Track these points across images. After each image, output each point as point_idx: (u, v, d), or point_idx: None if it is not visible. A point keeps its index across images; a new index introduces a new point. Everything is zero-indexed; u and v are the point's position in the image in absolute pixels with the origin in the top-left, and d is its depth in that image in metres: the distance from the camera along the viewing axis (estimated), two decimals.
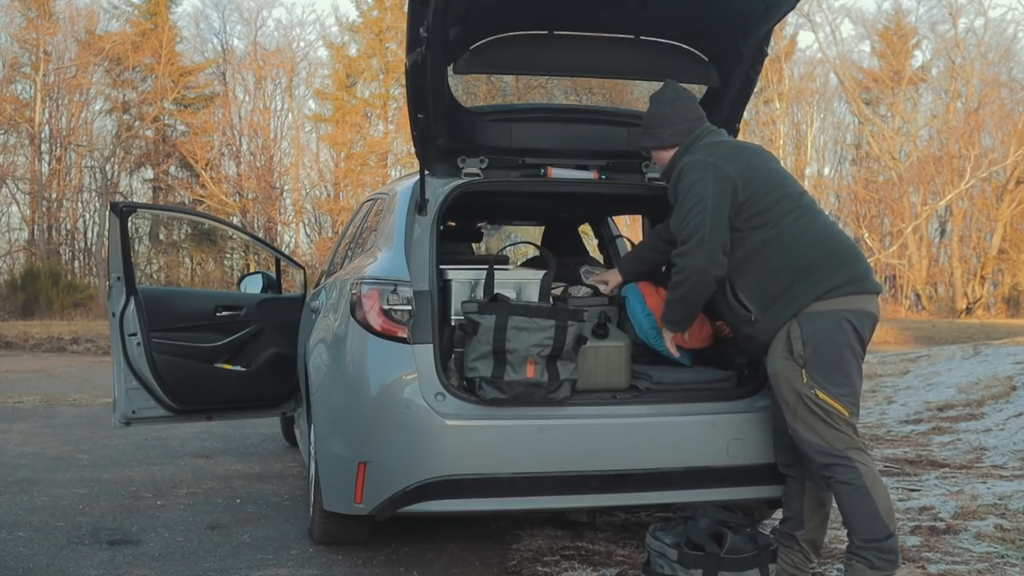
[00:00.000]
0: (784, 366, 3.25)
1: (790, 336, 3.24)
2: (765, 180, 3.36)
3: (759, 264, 3.31)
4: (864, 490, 3.17)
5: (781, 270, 3.27)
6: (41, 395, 9.84)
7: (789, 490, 3.52)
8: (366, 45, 32.64)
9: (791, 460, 3.49)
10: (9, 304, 24.33)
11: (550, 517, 4.43)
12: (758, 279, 3.31)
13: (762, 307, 3.30)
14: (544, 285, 3.78)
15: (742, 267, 3.33)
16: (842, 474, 3.19)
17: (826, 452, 3.20)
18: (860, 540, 3.18)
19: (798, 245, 3.29)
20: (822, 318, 3.22)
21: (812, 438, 3.21)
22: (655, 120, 3.60)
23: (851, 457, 3.18)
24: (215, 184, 29.89)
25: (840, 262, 3.29)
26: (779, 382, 3.28)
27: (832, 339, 3.22)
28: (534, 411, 3.53)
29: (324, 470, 3.84)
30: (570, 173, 4.14)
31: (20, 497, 5.14)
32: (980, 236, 31.33)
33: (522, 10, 3.78)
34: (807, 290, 3.24)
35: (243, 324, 5.64)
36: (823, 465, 3.22)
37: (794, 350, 3.22)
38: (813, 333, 3.21)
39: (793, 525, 3.48)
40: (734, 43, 3.81)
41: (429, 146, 3.92)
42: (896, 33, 33.53)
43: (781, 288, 3.26)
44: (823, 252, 3.29)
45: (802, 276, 3.25)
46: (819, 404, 3.19)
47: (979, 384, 8.72)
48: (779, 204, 3.33)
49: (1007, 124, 30.36)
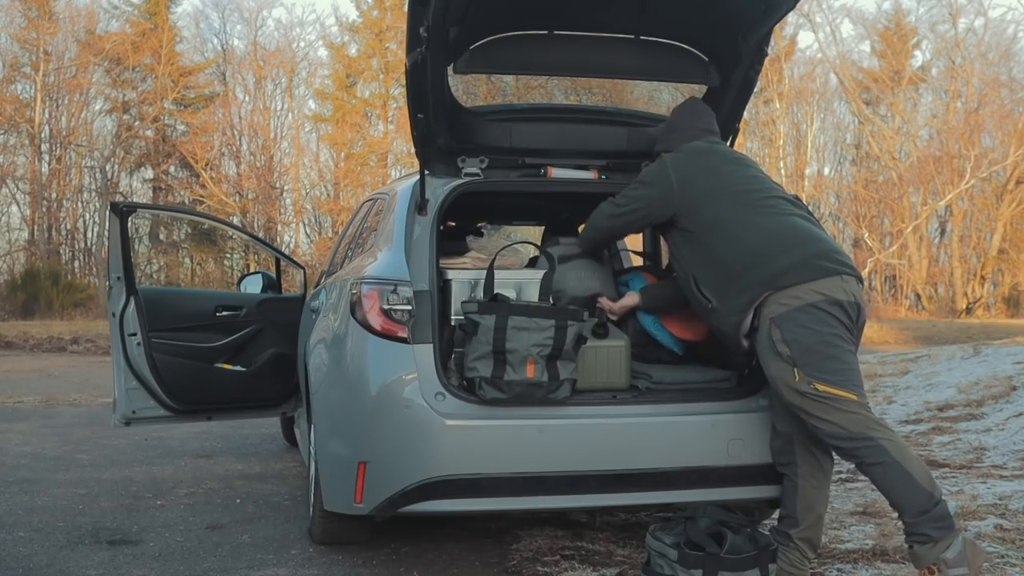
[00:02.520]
0: (777, 368, 3.28)
1: (772, 339, 3.26)
2: (715, 186, 3.55)
3: (712, 259, 3.47)
4: (896, 464, 3.16)
5: (731, 262, 3.41)
6: (41, 395, 9.85)
7: (784, 489, 3.53)
8: (366, 45, 32.65)
9: (786, 459, 3.50)
10: (9, 304, 24.35)
11: (550, 517, 4.43)
12: (714, 272, 3.47)
13: (719, 296, 3.43)
14: (544, 285, 3.78)
15: (699, 262, 3.52)
16: (869, 455, 3.18)
17: (847, 437, 3.20)
18: (911, 517, 3.16)
19: (745, 239, 3.42)
20: (796, 315, 3.25)
21: (830, 428, 3.22)
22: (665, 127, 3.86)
23: (873, 436, 3.18)
24: (215, 184, 29.90)
25: (786, 245, 3.36)
26: (778, 385, 3.31)
27: (813, 332, 3.23)
28: (534, 411, 3.53)
29: (324, 470, 3.84)
30: (570, 173, 4.14)
31: (20, 497, 5.15)
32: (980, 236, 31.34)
33: (522, 10, 3.78)
34: (758, 278, 3.33)
35: (243, 324, 5.64)
36: (850, 451, 3.23)
37: (781, 353, 3.25)
38: (792, 332, 3.24)
39: (788, 524, 3.48)
40: (734, 43, 3.81)
41: (429, 146, 3.92)
42: (896, 33, 33.53)
43: (732, 277, 3.39)
44: (768, 241, 3.40)
45: (751, 266, 3.36)
46: (822, 396, 3.20)
47: (979, 384, 8.71)
48: (731, 207, 3.50)
49: (1007, 124, 30.37)
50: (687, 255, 3.58)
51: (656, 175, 3.66)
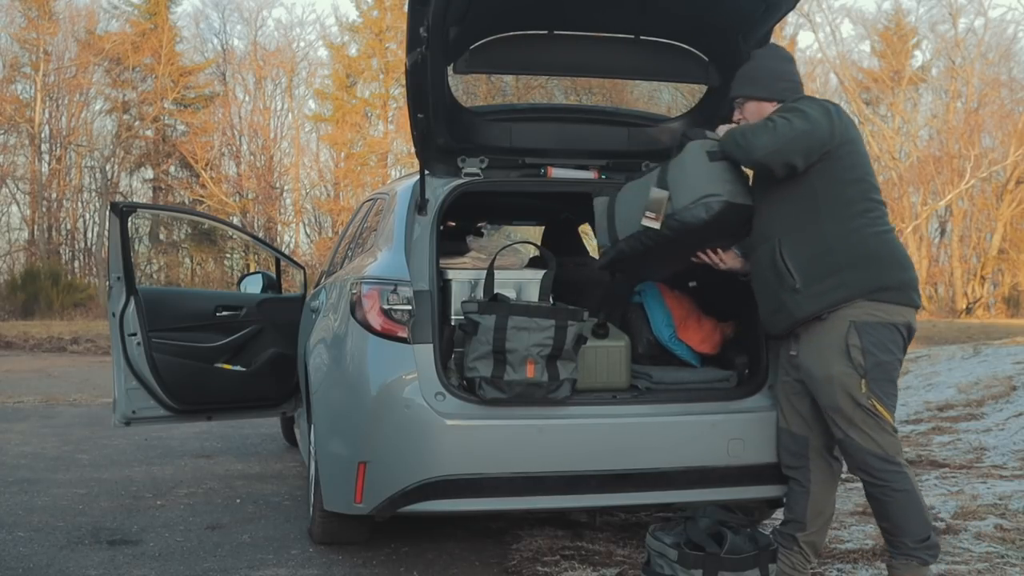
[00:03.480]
0: (842, 373, 3.21)
1: (848, 344, 3.20)
2: (859, 151, 3.29)
3: (816, 235, 3.23)
4: (915, 494, 3.24)
5: (838, 251, 3.21)
6: (41, 395, 9.84)
7: (792, 493, 3.51)
8: (366, 45, 32.63)
9: (796, 463, 3.49)
10: (9, 304, 24.34)
11: (550, 517, 4.43)
12: (812, 250, 3.24)
13: (808, 279, 3.23)
14: (544, 285, 3.78)
15: (797, 229, 3.25)
16: (898, 482, 3.22)
17: (884, 459, 3.21)
18: (913, 542, 3.24)
19: (864, 234, 3.24)
20: (881, 329, 3.21)
21: (870, 446, 3.22)
22: (766, 72, 3.46)
23: (902, 464, 3.24)
24: (215, 184, 29.88)
25: (899, 265, 3.28)
26: (833, 388, 3.24)
27: (889, 352, 3.23)
28: (534, 411, 3.53)
29: (324, 470, 3.84)
30: (570, 173, 4.14)
31: (20, 497, 5.14)
32: (980, 236, 31.32)
33: (522, 10, 3.78)
34: (860, 281, 3.21)
35: (243, 324, 5.64)
36: (879, 471, 3.22)
37: (853, 359, 3.20)
38: (873, 344, 3.20)
39: (795, 527, 3.48)
40: (734, 43, 3.81)
41: (429, 146, 3.92)
42: (896, 33, 33.51)
43: (833, 268, 3.21)
44: (885, 251, 3.26)
45: (858, 265, 3.21)
46: (875, 413, 3.21)
47: (979, 384, 8.71)
48: (856, 183, 3.26)
49: (1007, 124, 30.34)
50: (785, 217, 3.28)
51: (817, 109, 3.22)
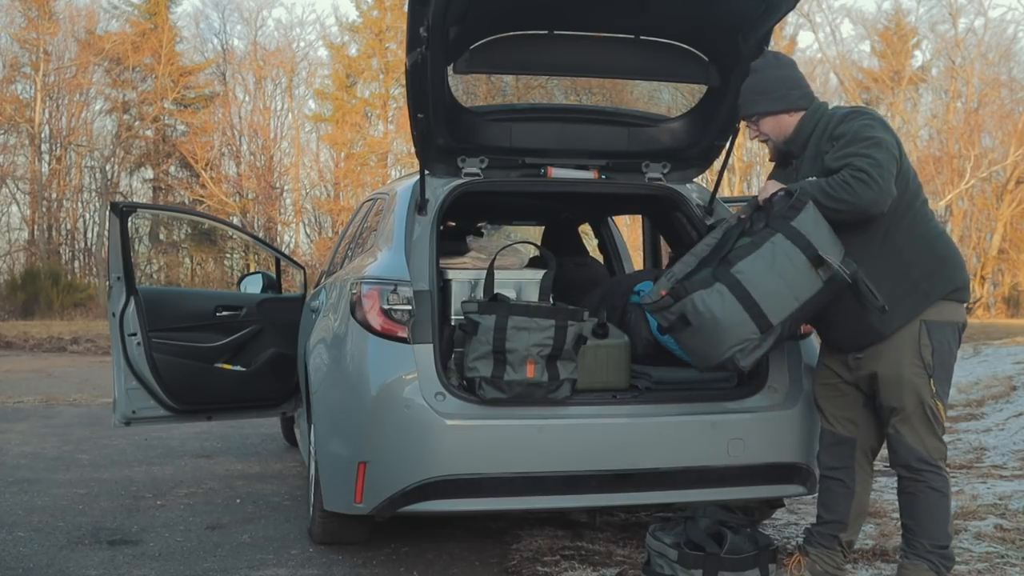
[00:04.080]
0: (913, 372, 3.23)
1: (920, 343, 3.21)
2: (909, 167, 3.26)
3: (891, 253, 3.21)
4: (947, 499, 3.27)
5: (913, 263, 3.21)
6: (41, 395, 9.84)
7: (833, 494, 3.52)
8: (366, 45, 32.61)
9: (840, 463, 3.49)
10: (9, 304, 24.34)
11: (550, 517, 4.43)
12: (889, 268, 3.20)
13: (892, 298, 3.19)
14: (544, 285, 3.78)
15: (873, 253, 3.20)
16: (934, 481, 3.25)
17: (923, 460, 3.25)
18: (931, 545, 3.26)
19: (928, 239, 3.24)
20: (947, 329, 3.24)
21: (915, 445, 3.24)
22: (776, 83, 3.40)
23: (942, 466, 3.27)
24: (215, 184, 29.87)
25: (961, 263, 3.32)
26: (902, 388, 3.24)
27: (951, 354, 3.28)
28: (534, 411, 3.53)
29: (324, 470, 3.84)
30: (570, 173, 4.14)
31: (20, 497, 5.14)
32: (980, 236, 31.29)
33: (522, 10, 3.78)
34: (936, 287, 3.22)
35: (243, 324, 5.64)
36: (916, 470, 3.25)
37: (924, 357, 3.21)
38: (941, 344, 3.23)
39: (837, 527, 3.50)
40: (734, 43, 3.81)
41: (429, 146, 3.92)
42: (896, 33, 33.49)
43: (912, 283, 3.21)
44: (950, 251, 3.29)
45: (934, 272, 3.23)
46: (935, 414, 3.24)
47: (979, 384, 8.72)
48: (916, 193, 3.26)
49: (1007, 124, 30.32)
50: (856, 240, 3.18)
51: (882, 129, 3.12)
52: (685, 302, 3.14)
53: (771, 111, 3.40)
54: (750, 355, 3.17)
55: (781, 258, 3.10)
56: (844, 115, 3.28)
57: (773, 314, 3.11)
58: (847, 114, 3.28)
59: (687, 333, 3.22)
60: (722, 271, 3.14)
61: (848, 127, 3.20)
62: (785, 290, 3.11)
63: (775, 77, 3.43)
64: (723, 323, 3.12)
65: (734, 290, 3.10)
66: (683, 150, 4.23)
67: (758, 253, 3.12)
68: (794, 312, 3.15)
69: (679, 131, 4.23)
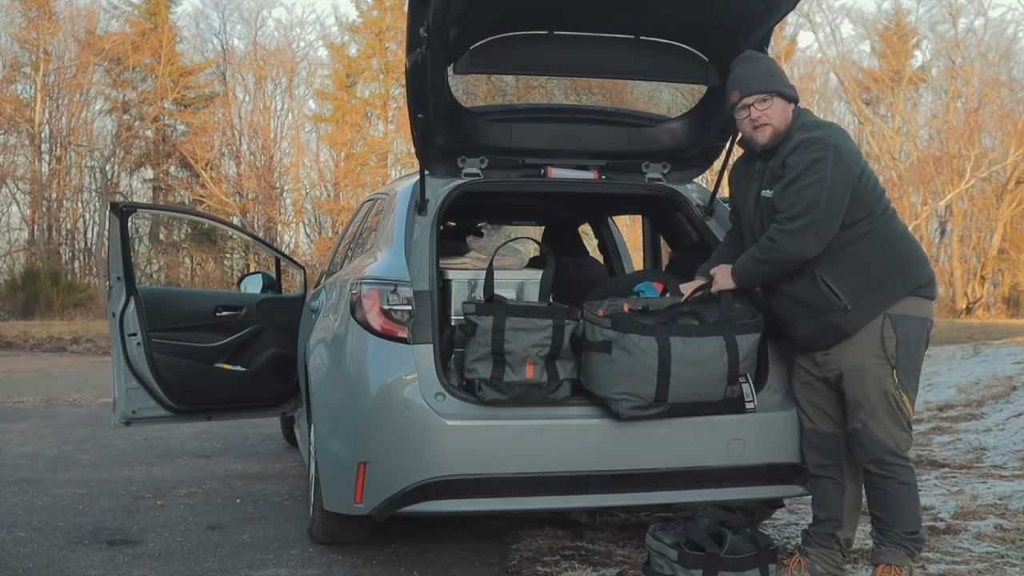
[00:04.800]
0: (875, 363, 3.27)
1: (883, 335, 3.26)
2: (870, 174, 3.33)
3: (852, 255, 3.28)
4: (914, 488, 3.32)
5: (875, 263, 3.28)
6: (41, 395, 9.84)
7: (825, 492, 3.55)
8: (366, 45, 32.61)
9: (826, 461, 3.52)
10: (9, 304, 24.33)
11: (550, 517, 4.43)
12: (851, 269, 3.28)
13: (854, 298, 3.27)
14: (544, 285, 3.78)
15: (834, 256, 3.27)
16: (903, 475, 3.29)
17: (893, 453, 3.28)
18: (904, 533, 3.32)
19: (891, 240, 3.31)
20: (913, 323, 3.28)
21: (884, 438, 3.28)
22: (781, 72, 3.47)
23: (909, 459, 3.31)
24: (215, 184, 29.87)
25: (924, 259, 3.37)
26: (865, 378, 3.28)
27: (918, 344, 3.31)
28: (534, 411, 3.53)
29: (324, 470, 3.84)
30: (570, 173, 4.14)
31: (20, 497, 5.14)
32: (980, 236, 31.30)
33: (522, 10, 3.78)
34: (899, 285, 3.28)
35: (243, 324, 5.64)
36: (886, 465, 3.29)
37: (887, 349, 3.26)
38: (906, 336, 3.26)
39: (833, 526, 3.52)
40: (734, 43, 3.81)
41: (429, 146, 3.92)
42: (896, 33, 33.49)
43: (874, 282, 3.27)
44: (913, 249, 3.35)
45: (896, 271, 3.28)
46: (900, 406, 3.27)
47: (979, 384, 8.71)
48: (879, 200, 3.33)
49: (1007, 124, 30.32)
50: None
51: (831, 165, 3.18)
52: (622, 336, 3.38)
53: (785, 94, 3.40)
54: (633, 412, 3.42)
55: (710, 356, 3.39)
56: (798, 143, 3.27)
57: (674, 394, 3.40)
58: (800, 142, 3.27)
59: (600, 358, 3.45)
60: (662, 332, 3.38)
61: (798, 159, 3.24)
62: (695, 383, 3.40)
63: (778, 67, 3.50)
64: (633, 371, 3.38)
65: (662, 354, 3.36)
66: (683, 150, 4.23)
67: (698, 340, 3.41)
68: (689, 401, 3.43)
69: (679, 131, 4.23)
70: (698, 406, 3.47)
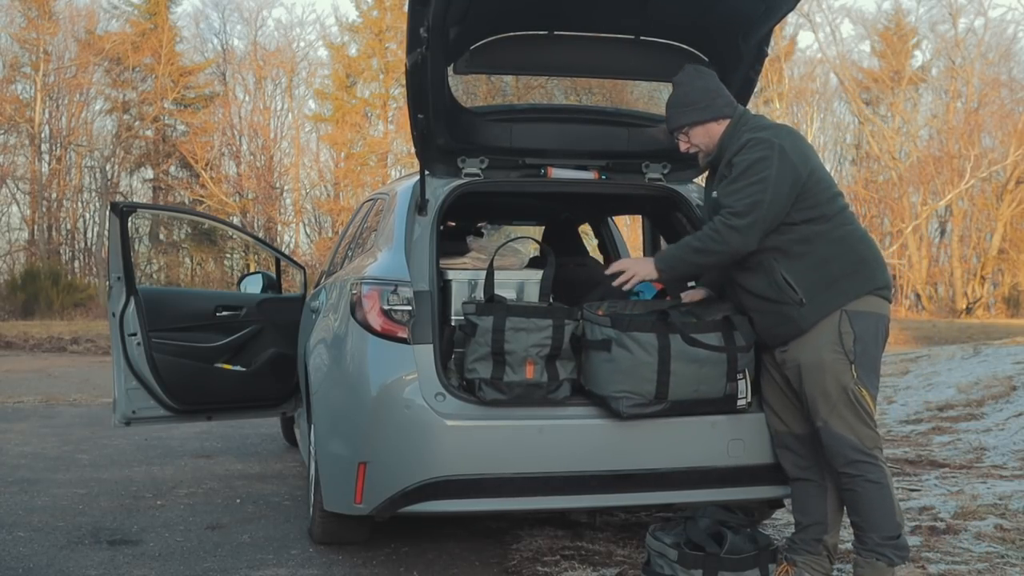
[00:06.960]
0: (833, 359, 3.28)
1: (840, 331, 3.27)
2: (822, 175, 3.36)
3: (808, 251, 3.31)
4: (887, 488, 3.28)
5: (832, 260, 3.30)
6: (41, 395, 9.84)
7: (808, 495, 3.53)
8: (366, 45, 32.63)
9: (804, 463, 3.51)
10: (9, 304, 24.34)
11: (550, 517, 4.43)
12: (808, 265, 3.30)
13: (810, 293, 3.29)
14: (544, 285, 3.78)
15: (791, 251, 3.31)
16: (871, 473, 3.27)
17: (858, 449, 3.27)
18: (880, 538, 3.28)
19: (849, 242, 3.33)
20: (870, 319, 3.30)
21: (847, 434, 3.27)
22: (701, 93, 3.48)
23: (877, 456, 3.28)
24: (215, 184, 29.88)
25: (882, 264, 3.40)
26: (823, 374, 3.29)
27: (876, 344, 3.32)
28: (534, 411, 3.53)
29: (324, 470, 3.84)
30: (570, 173, 4.14)
31: (20, 497, 5.14)
32: (980, 236, 31.31)
33: (522, 10, 3.78)
34: (856, 285, 3.30)
35: (243, 324, 5.64)
36: (852, 462, 3.27)
37: (844, 344, 3.27)
38: (863, 331, 3.28)
39: (819, 530, 3.51)
40: (734, 43, 3.81)
41: (429, 146, 3.92)
42: (896, 33, 33.50)
43: (830, 279, 3.29)
44: (871, 253, 3.37)
45: (852, 271, 3.31)
46: (861, 401, 3.26)
47: (979, 384, 8.71)
48: (832, 201, 3.36)
49: (1007, 124, 30.34)
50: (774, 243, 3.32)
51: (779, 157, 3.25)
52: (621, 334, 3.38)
53: (699, 120, 3.49)
54: (634, 410, 3.41)
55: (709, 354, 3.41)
56: (744, 143, 3.33)
57: (674, 392, 3.41)
58: (747, 142, 3.32)
59: (599, 356, 3.45)
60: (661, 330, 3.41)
61: (743, 159, 3.30)
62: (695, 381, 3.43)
63: (699, 88, 3.51)
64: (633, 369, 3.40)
65: (661, 352, 3.37)
66: None
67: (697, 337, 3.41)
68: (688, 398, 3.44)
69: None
70: (698, 404, 3.48)
